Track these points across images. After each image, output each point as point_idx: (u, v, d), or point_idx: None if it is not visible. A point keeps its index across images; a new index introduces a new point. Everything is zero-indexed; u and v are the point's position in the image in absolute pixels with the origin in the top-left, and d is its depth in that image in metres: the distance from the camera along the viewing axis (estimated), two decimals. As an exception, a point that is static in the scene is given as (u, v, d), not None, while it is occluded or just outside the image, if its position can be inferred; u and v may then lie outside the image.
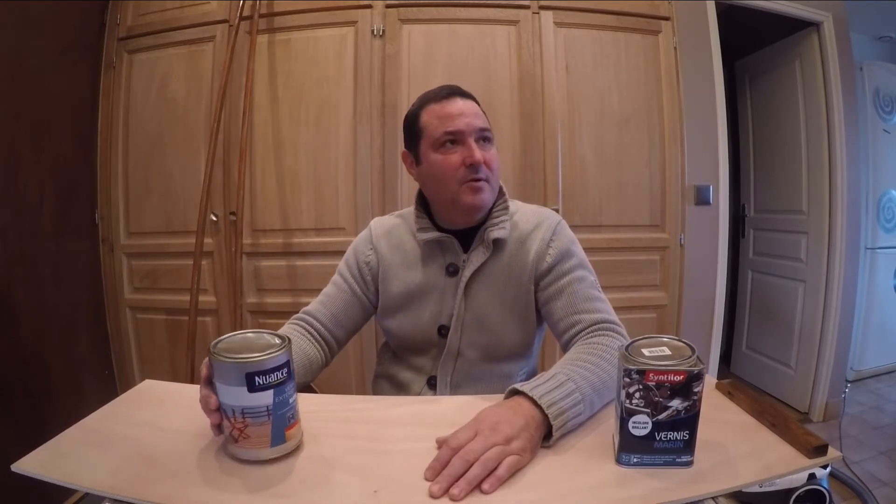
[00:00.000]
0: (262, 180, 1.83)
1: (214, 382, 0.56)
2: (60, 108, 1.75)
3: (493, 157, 0.87)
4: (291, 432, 0.58)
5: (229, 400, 0.55)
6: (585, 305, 0.83)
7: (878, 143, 2.68)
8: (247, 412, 0.55)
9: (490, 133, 0.87)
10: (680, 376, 0.51)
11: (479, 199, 0.85)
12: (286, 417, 0.57)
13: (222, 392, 0.56)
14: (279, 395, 0.56)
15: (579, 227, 1.02)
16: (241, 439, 0.56)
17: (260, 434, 0.55)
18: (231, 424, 0.56)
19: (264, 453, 0.56)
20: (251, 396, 0.54)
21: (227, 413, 0.56)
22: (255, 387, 0.54)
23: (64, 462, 0.57)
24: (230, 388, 0.54)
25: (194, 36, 1.86)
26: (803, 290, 2.43)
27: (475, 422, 0.58)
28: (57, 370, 1.68)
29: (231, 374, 0.54)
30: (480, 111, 0.88)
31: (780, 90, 2.55)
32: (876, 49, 3.03)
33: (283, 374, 0.56)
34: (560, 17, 1.85)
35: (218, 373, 0.55)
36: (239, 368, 0.54)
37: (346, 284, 0.95)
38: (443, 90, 0.87)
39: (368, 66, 1.80)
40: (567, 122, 1.86)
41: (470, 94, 0.89)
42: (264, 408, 0.55)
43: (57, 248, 1.72)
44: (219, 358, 0.54)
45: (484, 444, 0.54)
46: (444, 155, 0.85)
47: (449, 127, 0.84)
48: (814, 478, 0.55)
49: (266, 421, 0.55)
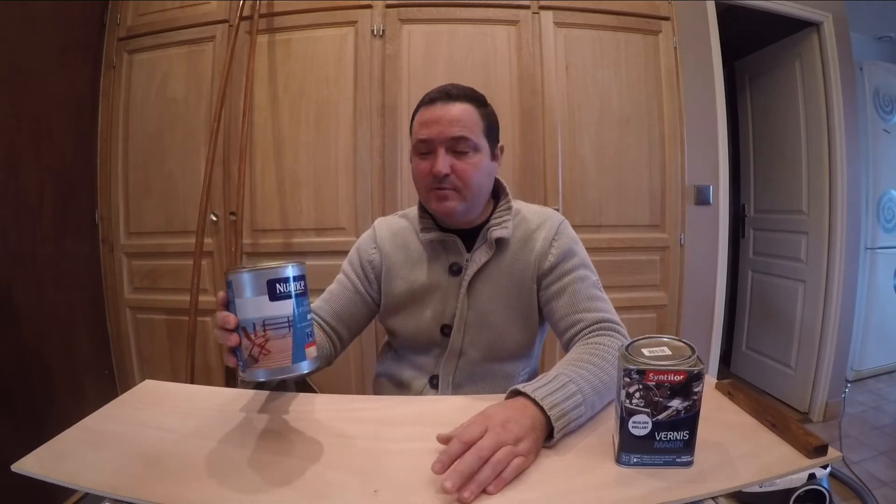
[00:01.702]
0: (262, 180, 1.83)
1: (233, 302, 0.56)
2: (60, 108, 1.75)
3: (467, 168, 0.83)
4: (311, 350, 0.58)
5: (250, 313, 0.55)
6: (587, 305, 0.83)
7: (878, 143, 2.68)
8: (268, 323, 0.55)
9: (468, 143, 0.83)
10: (680, 376, 0.51)
11: (443, 207, 0.85)
12: (306, 333, 0.57)
13: (242, 307, 0.55)
14: (299, 307, 0.56)
15: (579, 227, 1.02)
16: (262, 356, 0.55)
17: (281, 348, 0.55)
18: (251, 342, 0.55)
19: (286, 369, 0.56)
20: (272, 305, 0.55)
21: (247, 329, 0.55)
22: (277, 295, 0.54)
23: (64, 462, 0.57)
24: (251, 299, 0.55)
25: (194, 36, 1.86)
26: (803, 291, 2.43)
27: (484, 417, 0.58)
28: (57, 370, 1.68)
29: (253, 284, 0.55)
30: (467, 117, 0.84)
31: (780, 90, 2.55)
32: (876, 49, 3.03)
33: (301, 286, 0.57)
34: (560, 17, 1.85)
35: (238, 287, 0.55)
36: (260, 276, 0.54)
37: (349, 283, 0.95)
38: (432, 94, 0.86)
39: (368, 67, 1.80)
40: (567, 122, 1.86)
41: (464, 96, 0.85)
42: (285, 318, 0.55)
43: (57, 247, 1.72)
44: (239, 271, 0.55)
45: (495, 441, 0.53)
46: (417, 160, 0.86)
47: (421, 134, 0.84)
48: (814, 478, 0.55)
49: (287, 333, 0.55)
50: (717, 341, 2.10)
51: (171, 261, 1.89)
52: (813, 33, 2.28)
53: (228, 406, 0.72)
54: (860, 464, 1.92)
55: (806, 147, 2.41)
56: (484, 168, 0.86)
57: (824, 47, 2.25)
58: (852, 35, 2.31)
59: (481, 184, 0.87)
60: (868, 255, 2.68)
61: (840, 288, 2.27)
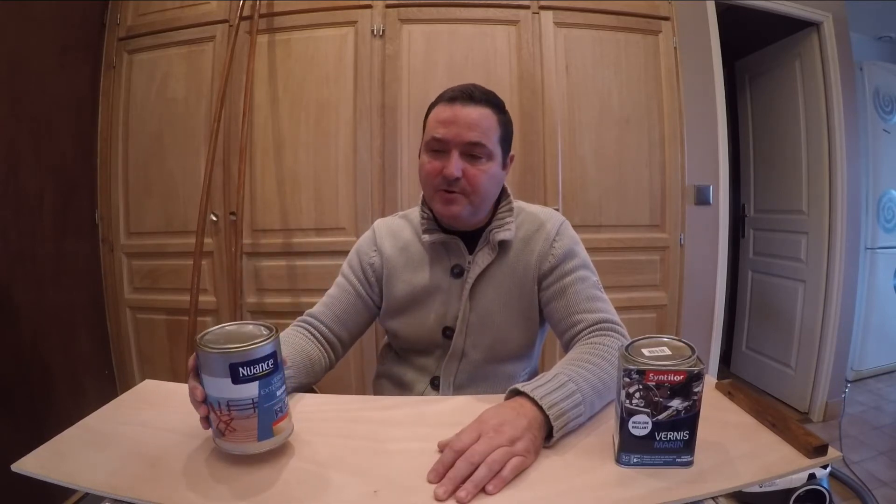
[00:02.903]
0: (262, 180, 1.83)
1: (200, 374, 0.56)
2: (60, 108, 1.75)
3: (479, 175, 0.82)
4: (280, 426, 0.57)
5: (215, 392, 0.54)
6: (587, 305, 0.83)
7: (878, 143, 2.68)
8: (232, 405, 0.54)
9: (483, 149, 0.82)
10: (680, 376, 0.51)
11: (448, 210, 0.84)
12: (273, 411, 0.56)
13: (208, 384, 0.55)
14: (265, 388, 0.54)
15: (579, 227, 1.02)
16: (228, 433, 0.55)
17: (246, 427, 0.54)
18: (217, 417, 0.55)
19: (251, 447, 0.55)
20: (236, 388, 0.53)
21: (213, 406, 0.55)
22: (240, 378, 0.53)
23: (64, 462, 0.57)
24: (215, 379, 0.54)
25: (194, 36, 1.86)
26: (803, 291, 2.43)
27: (478, 423, 0.58)
28: (57, 370, 1.68)
29: (215, 365, 0.53)
30: (486, 123, 0.82)
31: (780, 90, 2.55)
32: (876, 49, 3.03)
33: (269, 365, 0.55)
34: (560, 17, 1.85)
35: (203, 364, 0.55)
36: (223, 359, 0.53)
37: (349, 286, 0.95)
38: (454, 91, 0.84)
39: (368, 66, 1.80)
40: (567, 122, 1.86)
41: (485, 100, 0.84)
42: (249, 400, 0.54)
43: (57, 247, 1.72)
44: (203, 348, 0.54)
45: (488, 445, 0.54)
46: (429, 158, 0.85)
47: (437, 133, 0.82)
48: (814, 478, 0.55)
49: (252, 414, 0.54)
50: (717, 341, 2.10)
51: (171, 261, 1.89)
52: (813, 33, 2.28)
53: (228, 406, 0.72)
54: (860, 464, 1.92)
55: (806, 147, 2.41)
56: (495, 176, 0.86)
57: (824, 47, 2.25)
58: (852, 35, 2.31)
59: (490, 191, 0.86)
60: (868, 255, 2.68)
61: (840, 288, 2.27)
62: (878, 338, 2.75)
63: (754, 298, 2.82)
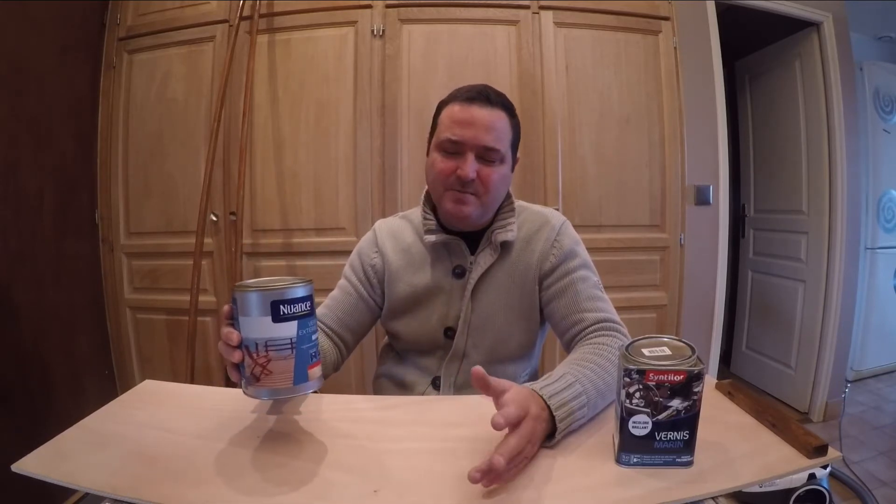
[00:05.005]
0: (262, 180, 1.83)
1: (237, 319, 0.56)
2: (60, 108, 1.75)
3: (492, 176, 0.83)
4: (314, 371, 0.57)
5: (253, 333, 0.54)
6: (588, 305, 0.83)
7: (878, 143, 2.68)
8: (270, 345, 0.54)
9: (498, 154, 0.83)
10: (680, 376, 0.51)
11: (458, 210, 0.84)
12: (309, 354, 0.56)
13: (245, 326, 0.55)
14: (303, 328, 0.55)
15: (579, 227, 1.02)
16: (263, 376, 0.54)
17: (283, 369, 0.54)
18: (253, 361, 0.55)
19: (286, 391, 0.55)
20: (275, 327, 0.54)
21: (249, 348, 0.55)
22: (280, 316, 0.54)
23: (64, 462, 0.57)
24: (254, 318, 0.54)
25: (194, 36, 1.86)
26: (803, 291, 2.43)
27: (528, 434, 0.56)
28: (57, 370, 1.68)
29: (256, 304, 0.54)
30: (502, 125, 0.83)
31: (780, 90, 2.55)
32: (876, 49, 3.03)
33: (307, 306, 0.56)
34: (560, 17, 1.85)
35: (242, 305, 0.55)
36: (264, 297, 0.53)
37: (351, 288, 0.95)
38: (471, 91, 0.83)
39: (368, 66, 1.80)
40: (567, 122, 1.86)
41: (500, 104, 0.84)
42: (288, 340, 0.54)
43: (57, 247, 1.72)
44: (244, 288, 0.54)
45: (529, 454, 0.56)
46: (441, 157, 0.84)
47: (453, 134, 0.82)
48: (814, 478, 0.55)
49: (289, 355, 0.54)
50: (717, 341, 2.10)
51: (171, 261, 1.89)
52: (813, 33, 2.28)
53: (228, 406, 0.72)
54: (860, 464, 1.92)
55: (806, 147, 2.41)
56: (505, 179, 0.87)
57: (824, 47, 2.25)
58: (852, 35, 2.31)
59: (500, 193, 0.87)
60: (868, 255, 2.68)
61: (840, 288, 2.27)
62: (878, 338, 2.75)
63: (754, 298, 2.82)
